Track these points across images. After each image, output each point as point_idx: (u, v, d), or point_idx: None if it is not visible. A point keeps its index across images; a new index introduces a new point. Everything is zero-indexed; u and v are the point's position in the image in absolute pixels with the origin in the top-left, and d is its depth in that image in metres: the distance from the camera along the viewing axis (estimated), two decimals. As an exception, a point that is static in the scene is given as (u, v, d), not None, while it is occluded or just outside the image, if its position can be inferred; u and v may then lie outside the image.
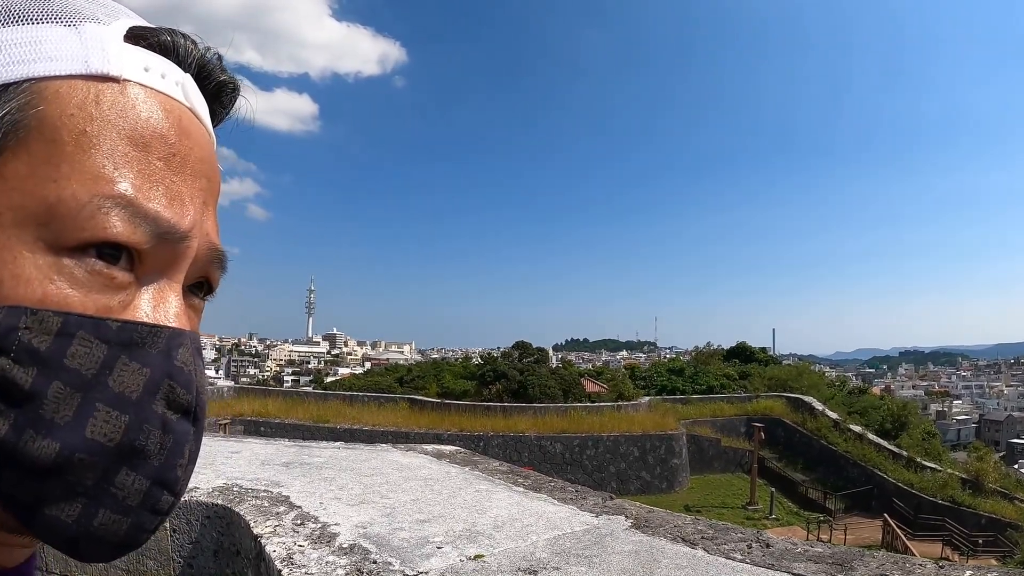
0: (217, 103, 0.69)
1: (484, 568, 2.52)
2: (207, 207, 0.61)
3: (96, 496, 0.53)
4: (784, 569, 2.52)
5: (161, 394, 0.55)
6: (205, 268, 0.64)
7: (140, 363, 0.54)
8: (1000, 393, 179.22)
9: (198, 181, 0.60)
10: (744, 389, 52.51)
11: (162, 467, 0.55)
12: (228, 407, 36.77)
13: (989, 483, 32.14)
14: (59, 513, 0.52)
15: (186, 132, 0.60)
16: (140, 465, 0.54)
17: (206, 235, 0.61)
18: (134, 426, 0.53)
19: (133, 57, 0.58)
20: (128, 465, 0.54)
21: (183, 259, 0.59)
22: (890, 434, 41.29)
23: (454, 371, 57.35)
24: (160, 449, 0.55)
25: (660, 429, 36.90)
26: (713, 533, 2.96)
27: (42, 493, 0.51)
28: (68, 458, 0.51)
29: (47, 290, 0.51)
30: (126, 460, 0.53)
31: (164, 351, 0.56)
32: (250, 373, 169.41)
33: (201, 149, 0.61)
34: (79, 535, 0.54)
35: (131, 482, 0.54)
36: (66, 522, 0.53)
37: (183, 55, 0.63)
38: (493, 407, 38.87)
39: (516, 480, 3.93)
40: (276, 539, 2.85)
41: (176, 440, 0.56)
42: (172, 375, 0.56)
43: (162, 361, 0.55)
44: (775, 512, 33.25)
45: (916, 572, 2.48)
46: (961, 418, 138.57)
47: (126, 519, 0.55)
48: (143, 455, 0.54)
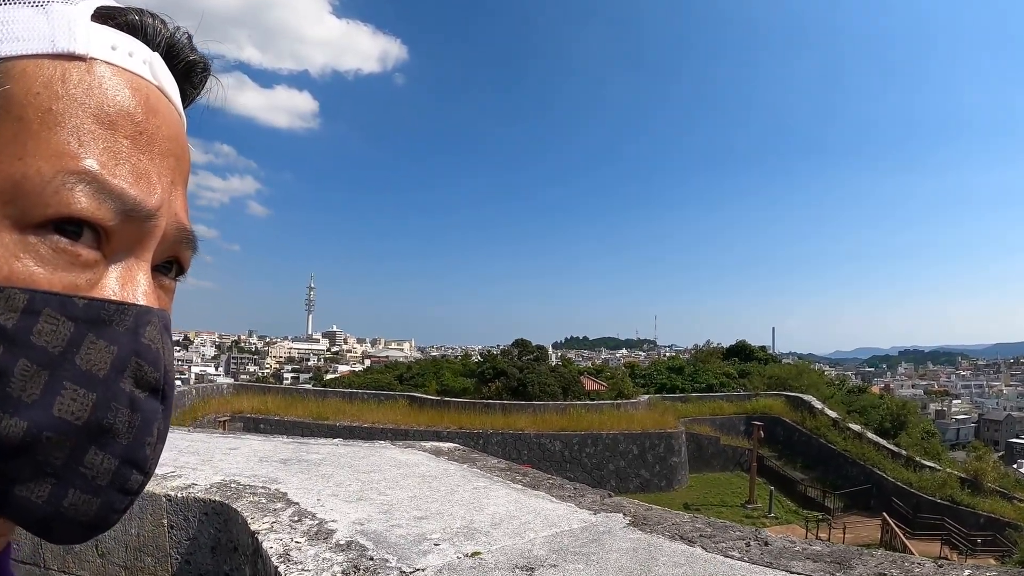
0: (187, 83, 0.69)
1: (481, 565, 2.51)
2: (175, 186, 0.62)
3: (65, 476, 0.53)
4: (782, 567, 2.51)
5: (129, 372, 0.55)
6: (174, 248, 0.63)
7: (107, 341, 0.54)
8: (999, 393, 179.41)
9: (166, 160, 0.60)
10: (743, 388, 52.47)
11: (131, 446, 0.56)
12: (227, 404, 36.77)
13: (988, 483, 32.13)
14: (29, 494, 0.52)
15: (153, 110, 0.60)
16: (109, 444, 0.54)
17: (174, 214, 0.61)
18: (102, 404, 0.54)
19: (100, 36, 0.58)
20: (96, 444, 0.54)
21: (150, 238, 0.59)
22: (889, 433, 41.31)
23: (454, 369, 57.34)
24: (129, 428, 0.55)
25: (659, 427, 36.92)
26: (711, 531, 2.95)
27: (11, 473, 0.51)
28: (36, 436, 0.51)
29: (13, 267, 0.51)
30: (94, 439, 0.54)
31: (131, 329, 0.56)
32: (250, 370, 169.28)
33: (169, 128, 0.62)
34: (50, 516, 0.54)
35: (100, 461, 0.54)
36: (36, 503, 0.53)
37: (151, 34, 0.63)
38: (492, 405, 38.88)
39: (514, 477, 3.93)
40: (273, 535, 2.84)
41: (144, 418, 0.56)
42: (140, 353, 0.56)
43: (129, 339, 0.55)
44: (774, 511, 33.27)
45: (915, 571, 2.47)
46: (960, 417, 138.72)
47: (96, 499, 0.55)
48: (111, 434, 0.54)
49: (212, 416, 33.28)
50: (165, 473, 3.84)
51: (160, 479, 3.71)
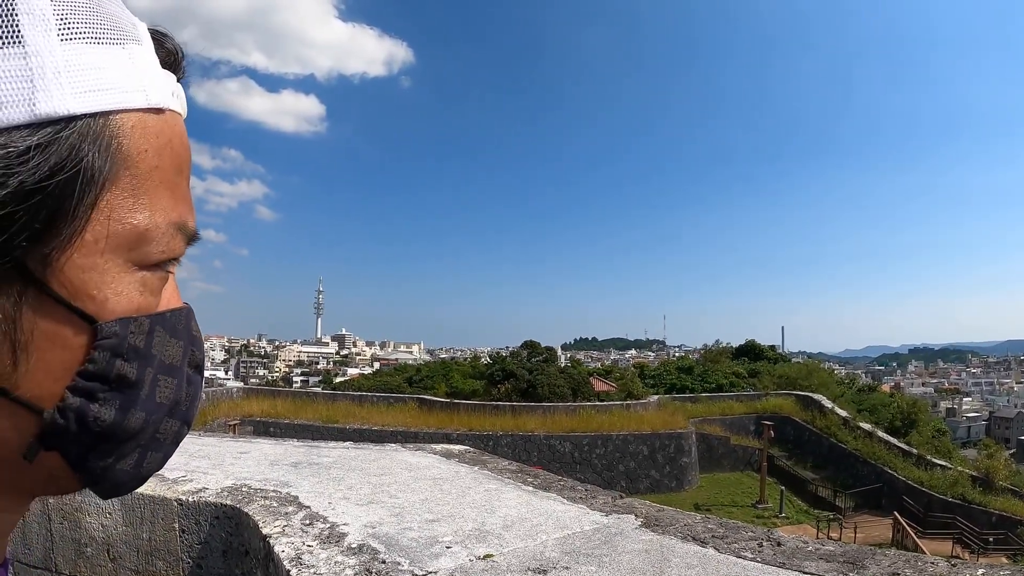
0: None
1: (494, 568, 2.51)
2: None
3: (149, 444, 0.67)
4: (796, 568, 2.50)
5: (187, 358, 0.70)
6: None
7: (176, 338, 0.67)
8: (1010, 390, 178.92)
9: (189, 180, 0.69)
10: (753, 387, 52.43)
11: (188, 411, 0.71)
12: (237, 408, 36.86)
13: (999, 481, 32.00)
14: (124, 466, 0.66)
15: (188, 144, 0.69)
16: (177, 412, 0.69)
17: None
18: (179, 386, 0.68)
19: (166, 83, 0.65)
20: (170, 414, 0.67)
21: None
22: (900, 432, 41.16)
23: (463, 371, 57.40)
24: (187, 398, 0.70)
25: (669, 428, 36.89)
26: (724, 532, 2.94)
27: (120, 454, 0.64)
28: (147, 421, 0.64)
29: (139, 301, 0.62)
30: (170, 411, 0.67)
31: (186, 325, 0.70)
32: (259, 374, 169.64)
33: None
34: (130, 479, 0.67)
35: (170, 427, 0.68)
36: (125, 470, 0.66)
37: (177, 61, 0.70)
38: (502, 406, 38.89)
39: (525, 479, 3.92)
40: (285, 539, 2.84)
41: (195, 389, 0.72)
42: (193, 342, 0.71)
43: (186, 333, 0.69)
44: (785, 510, 33.20)
45: (928, 570, 2.46)
46: (971, 415, 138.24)
47: (161, 454, 0.69)
48: (179, 405, 0.69)
49: (222, 420, 33.37)
50: (176, 477, 3.84)
51: (171, 483, 3.72)
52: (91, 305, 0.59)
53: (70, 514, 3.73)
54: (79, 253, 0.57)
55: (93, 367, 0.59)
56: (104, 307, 0.59)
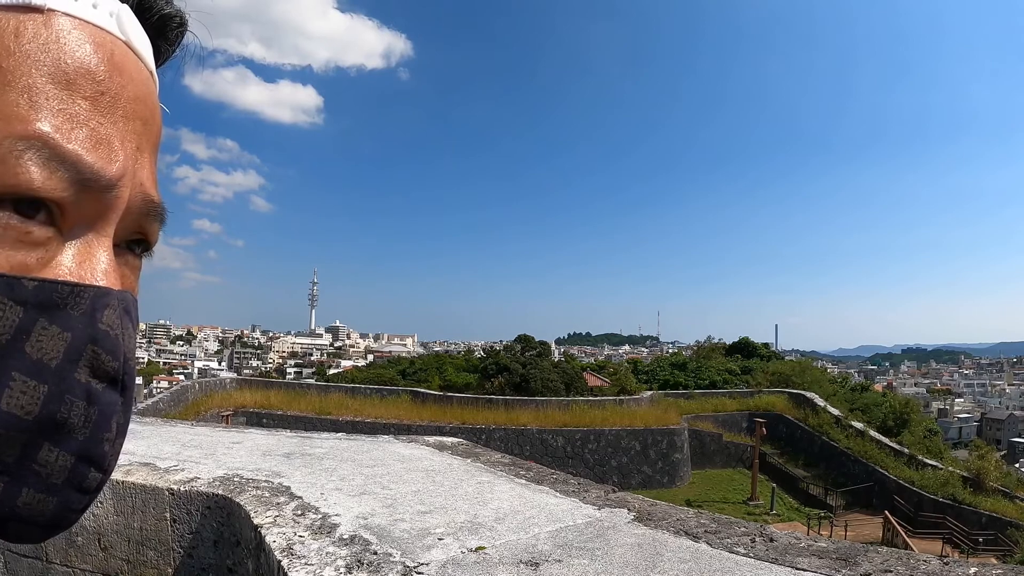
0: (162, 39, 0.62)
1: (486, 560, 2.50)
2: (141, 153, 0.56)
3: (18, 474, 0.49)
4: (788, 564, 2.50)
5: (84, 361, 0.50)
6: (140, 221, 0.58)
7: (60, 327, 0.49)
8: (1002, 391, 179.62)
9: (131, 123, 0.54)
10: (746, 384, 52.48)
11: (87, 442, 0.51)
12: (230, 399, 36.83)
13: (990, 482, 32.11)
14: None
15: (119, 68, 0.54)
16: (63, 440, 0.50)
17: (140, 184, 0.56)
18: (54, 397, 0.49)
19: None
20: (50, 440, 0.49)
21: (112, 210, 0.53)
22: (892, 431, 41.24)
23: (456, 364, 57.44)
24: (85, 422, 0.51)
25: (662, 424, 36.94)
26: (716, 527, 2.94)
27: None
28: None
29: None
30: (47, 435, 0.49)
31: (87, 313, 0.50)
32: (253, 365, 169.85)
33: (136, 88, 0.55)
34: (4, 516, 0.50)
35: (54, 459, 0.50)
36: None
37: None
38: (495, 400, 38.97)
39: (518, 472, 3.92)
40: (276, 529, 2.83)
41: (102, 412, 0.52)
42: (96, 340, 0.51)
43: (85, 324, 0.50)
44: (776, 508, 33.28)
45: (920, 568, 2.46)
46: (963, 416, 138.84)
47: (52, 498, 0.51)
48: (66, 429, 0.50)
49: (215, 411, 33.34)
50: (168, 467, 3.83)
51: (163, 472, 3.71)
52: None
53: (61, 502, 3.71)
54: None
55: None
56: None
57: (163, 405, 31.02)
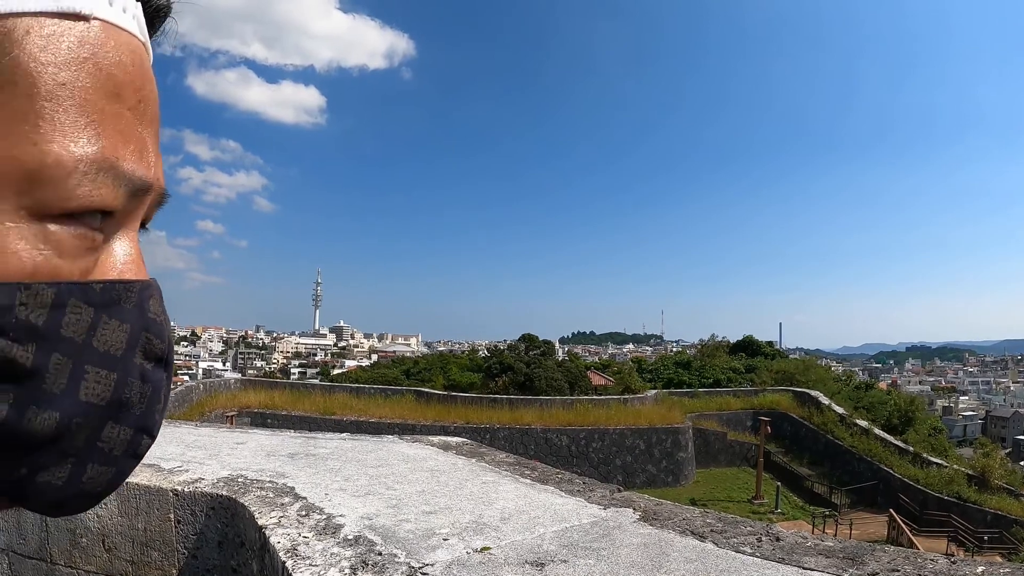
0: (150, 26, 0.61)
1: (491, 560, 2.49)
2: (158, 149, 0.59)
3: (85, 455, 0.53)
4: (795, 563, 2.48)
5: (139, 347, 0.55)
6: (150, 211, 0.61)
7: (120, 320, 0.53)
8: (1007, 389, 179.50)
9: (154, 124, 0.57)
10: (750, 383, 52.49)
11: (143, 415, 0.57)
12: (235, 399, 36.90)
13: (995, 479, 32.07)
14: (50, 478, 0.52)
15: (147, 74, 0.56)
16: (124, 416, 0.55)
17: (158, 179, 0.58)
18: (120, 382, 0.54)
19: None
20: (114, 419, 0.54)
21: (143, 208, 0.57)
22: (896, 429, 41.22)
23: (460, 364, 57.59)
24: (141, 399, 0.56)
25: (666, 422, 36.95)
26: (722, 526, 2.93)
27: (39, 464, 0.51)
28: (67, 425, 0.51)
29: (37, 262, 0.48)
30: (113, 414, 0.54)
31: (138, 304, 0.55)
32: (257, 365, 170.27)
33: (155, 88, 0.58)
34: (67, 496, 0.54)
35: (116, 434, 0.55)
36: (56, 485, 0.53)
37: None
38: (499, 400, 39.01)
39: (523, 472, 3.90)
40: (281, 530, 2.82)
41: (154, 388, 0.57)
42: (148, 327, 0.56)
43: (138, 315, 0.55)
44: (781, 506, 33.28)
45: (928, 567, 2.44)
46: (967, 414, 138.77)
47: (111, 469, 0.56)
48: (127, 407, 0.55)
49: (219, 411, 33.41)
50: (172, 468, 3.83)
51: (167, 473, 3.70)
52: None
53: (65, 503, 3.71)
54: None
55: None
56: None
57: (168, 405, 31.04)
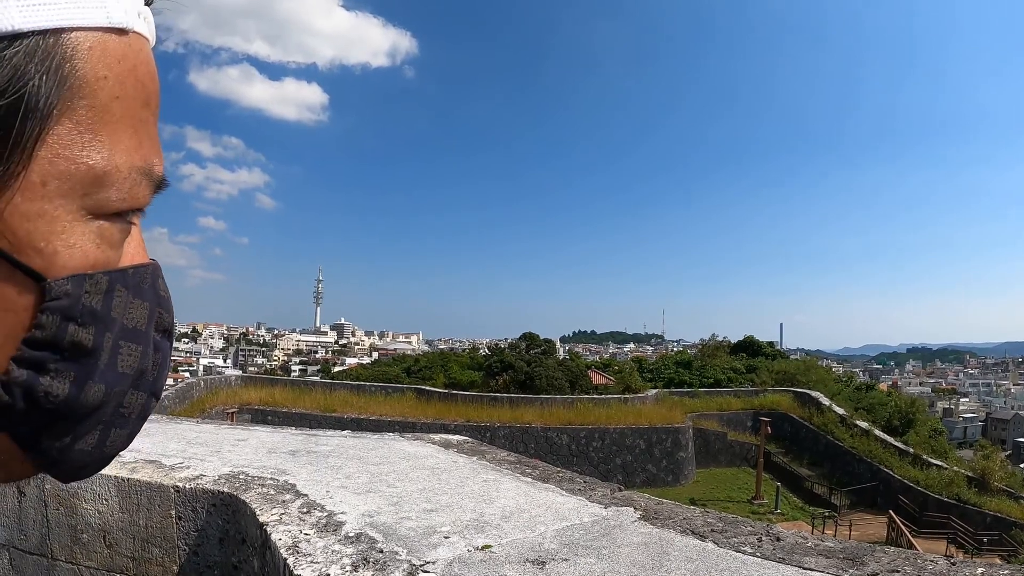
0: None
1: (492, 558, 2.49)
2: None
3: (112, 421, 0.60)
4: (795, 563, 2.49)
5: (154, 321, 0.62)
6: None
7: (142, 299, 0.59)
8: (1007, 391, 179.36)
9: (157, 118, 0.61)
10: (751, 383, 52.46)
11: (155, 380, 0.64)
12: (235, 396, 36.91)
13: (995, 482, 32.08)
14: (84, 446, 0.59)
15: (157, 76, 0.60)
16: (142, 383, 0.62)
17: None
18: (144, 353, 0.60)
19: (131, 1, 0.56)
20: (135, 386, 0.61)
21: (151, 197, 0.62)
22: (897, 431, 41.22)
23: (461, 362, 57.62)
24: (154, 367, 0.63)
25: (667, 422, 36.95)
26: (723, 526, 2.93)
27: (79, 433, 0.57)
28: (109, 394, 0.57)
29: (95, 255, 0.54)
30: (135, 383, 0.60)
31: (152, 284, 0.61)
32: (258, 362, 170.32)
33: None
34: (92, 460, 0.61)
35: (135, 399, 0.61)
36: (86, 451, 0.59)
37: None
38: (500, 398, 39.02)
39: (524, 470, 3.91)
40: (282, 527, 2.83)
41: (164, 356, 0.65)
42: (160, 304, 0.63)
43: (153, 293, 0.61)
44: (780, 507, 33.29)
45: (927, 568, 2.45)
46: (968, 416, 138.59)
47: (126, 431, 0.62)
48: (144, 375, 0.62)
49: (220, 408, 33.42)
50: (173, 464, 3.83)
51: (168, 470, 3.71)
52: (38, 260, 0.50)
53: (66, 500, 3.72)
54: (23, 197, 0.49)
55: (42, 333, 0.52)
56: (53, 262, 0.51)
57: (168, 402, 31.07)
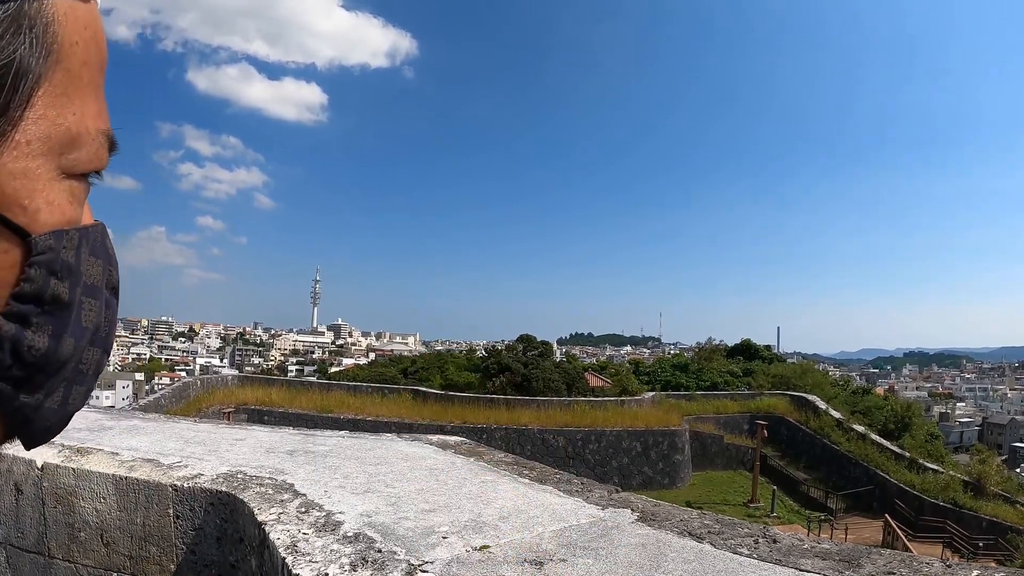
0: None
1: (490, 559, 2.50)
2: None
3: (74, 377, 0.61)
4: (791, 565, 2.50)
5: (105, 278, 0.63)
6: None
7: (95, 256, 0.61)
8: (1004, 396, 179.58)
9: None
10: (748, 386, 52.51)
11: (107, 337, 0.64)
12: (232, 396, 36.87)
13: (991, 486, 32.12)
14: (51, 404, 0.59)
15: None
16: (97, 339, 0.63)
17: None
18: (100, 308, 0.62)
19: None
20: (91, 342, 0.62)
21: None
22: (893, 435, 41.24)
23: (458, 363, 57.55)
24: (106, 322, 0.64)
25: (663, 425, 36.95)
26: (720, 528, 2.94)
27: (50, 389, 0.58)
28: (76, 348, 0.59)
29: (69, 213, 0.57)
30: (92, 338, 0.61)
31: (102, 243, 0.63)
32: (254, 362, 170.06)
33: None
34: (58, 419, 0.62)
35: (92, 355, 0.62)
36: (53, 408, 0.60)
37: None
38: (496, 400, 38.99)
39: (521, 471, 3.91)
40: (280, 527, 2.83)
41: (112, 313, 0.65)
42: (110, 261, 0.64)
43: (103, 251, 0.62)
44: (776, 510, 33.29)
45: (923, 571, 2.46)
46: (964, 420, 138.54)
47: (85, 388, 0.63)
48: (98, 330, 0.63)
49: (217, 407, 33.39)
50: (171, 463, 3.83)
51: (166, 469, 3.71)
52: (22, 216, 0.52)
53: (64, 498, 3.72)
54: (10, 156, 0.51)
55: (30, 287, 0.53)
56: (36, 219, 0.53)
57: (165, 401, 31.07)
